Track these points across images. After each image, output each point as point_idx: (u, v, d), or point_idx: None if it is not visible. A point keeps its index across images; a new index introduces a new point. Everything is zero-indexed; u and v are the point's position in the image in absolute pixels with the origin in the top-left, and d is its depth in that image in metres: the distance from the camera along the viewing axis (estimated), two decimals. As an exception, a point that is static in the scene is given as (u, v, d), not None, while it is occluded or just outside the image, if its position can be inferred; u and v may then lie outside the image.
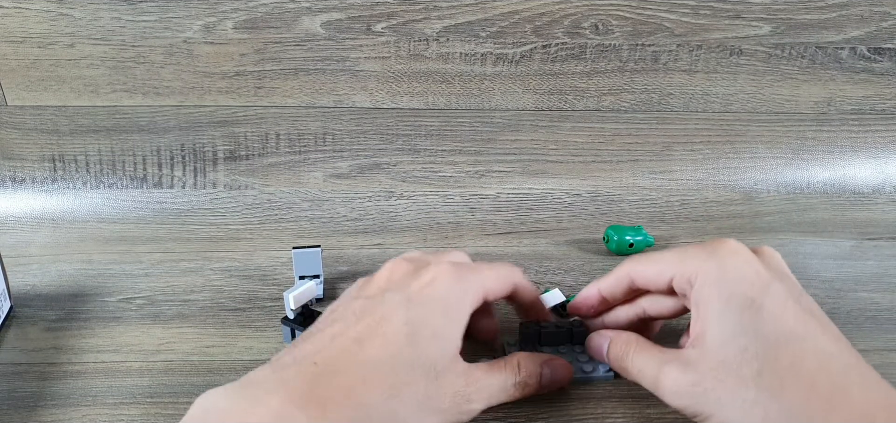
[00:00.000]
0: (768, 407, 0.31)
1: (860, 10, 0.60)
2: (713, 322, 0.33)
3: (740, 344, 0.32)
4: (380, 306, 0.34)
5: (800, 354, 0.31)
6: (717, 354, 0.33)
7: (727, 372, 0.32)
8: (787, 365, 0.31)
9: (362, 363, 0.32)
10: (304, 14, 0.57)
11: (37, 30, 0.56)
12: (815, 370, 0.31)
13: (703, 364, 0.33)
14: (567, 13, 0.58)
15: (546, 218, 0.62)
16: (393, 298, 0.35)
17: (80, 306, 0.48)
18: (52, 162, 0.61)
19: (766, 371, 0.31)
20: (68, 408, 0.39)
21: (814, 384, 0.31)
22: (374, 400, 0.31)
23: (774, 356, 0.31)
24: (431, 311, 0.34)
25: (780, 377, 0.31)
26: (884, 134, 0.66)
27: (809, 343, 0.32)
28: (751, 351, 0.32)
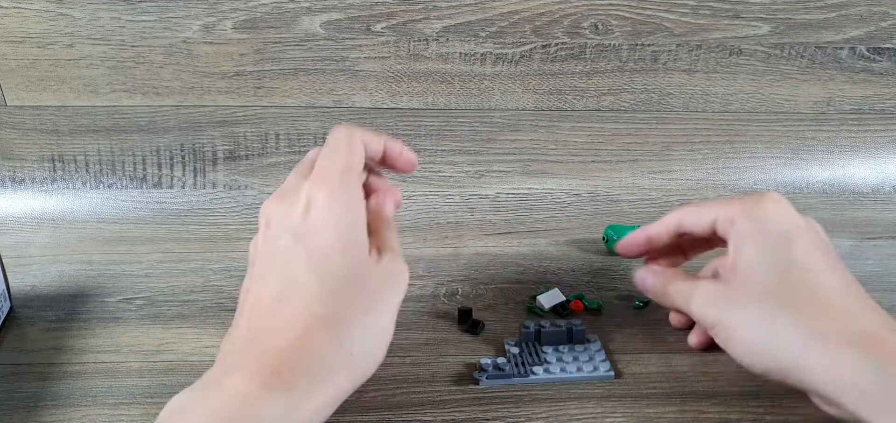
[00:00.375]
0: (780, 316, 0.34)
1: (859, 10, 0.60)
2: (747, 250, 0.37)
3: (768, 266, 0.36)
4: (277, 257, 0.34)
5: (822, 283, 0.35)
6: (747, 272, 0.36)
7: (753, 287, 0.35)
8: (809, 289, 0.35)
9: (292, 318, 0.32)
10: (304, 14, 0.57)
11: (36, 30, 0.56)
12: (830, 295, 0.34)
13: (733, 281, 0.37)
14: (567, 13, 0.58)
15: (546, 218, 0.62)
16: (285, 242, 0.34)
17: (79, 307, 0.48)
18: (52, 162, 0.61)
19: (788, 290, 0.35)
20: (68, 408, 0.39)
21: (827, 304, 0.34)
22: (320, 342, 0.31)
23: (795, 277, 0.35)
24: (324, 232, 0.34)
25: (800, 297, 0.34)
26: (883, 134, 0.66)
27: (832, 277, 0.35)
28: (777, 273, 0.35)
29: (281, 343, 0.31)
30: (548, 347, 0.43)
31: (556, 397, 0.40)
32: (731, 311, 0.36)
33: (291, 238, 0.34)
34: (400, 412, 0.39)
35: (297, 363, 0.30)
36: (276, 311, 0.32)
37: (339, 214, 0.34)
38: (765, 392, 0.40)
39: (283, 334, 0.31)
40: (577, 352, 0.42)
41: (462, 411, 0.39)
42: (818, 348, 0.33)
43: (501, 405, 0.39)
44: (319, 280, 0.33)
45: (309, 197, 0.34)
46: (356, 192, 0.35)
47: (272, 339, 0.31)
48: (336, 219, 0.34)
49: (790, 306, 0.34)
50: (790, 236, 0.36)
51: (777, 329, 0.34)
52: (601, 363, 0.42)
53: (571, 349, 0.43)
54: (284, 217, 0.35)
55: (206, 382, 0.31)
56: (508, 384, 0.40)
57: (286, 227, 0.34)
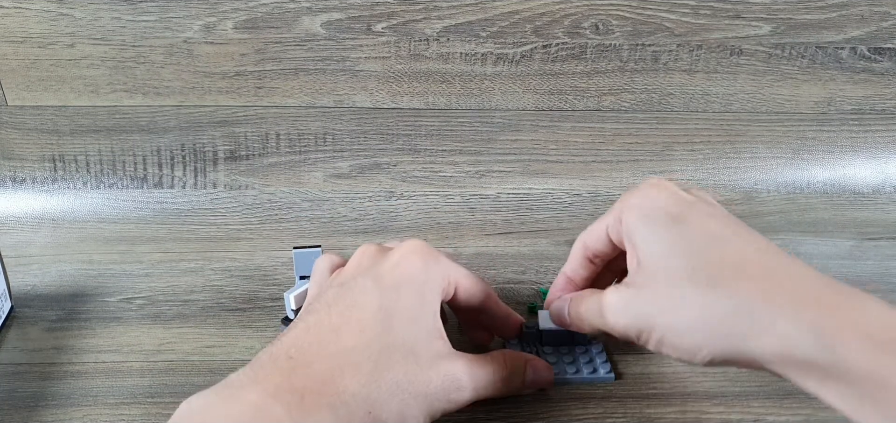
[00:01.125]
0: (703, 301, 0.30)
1: (860, 10, 0.60)
2: (641, 244, 0.34)
3: (668, 252, 0.32)
4: (351, 293, 0.34)
5: (728, 251, 0.32)
6: (649, 267, 0.33)
7: (659, 279, 0.32)
8: (717, 260, 0.31)
9: (338, 352, 0.31)
10: (305, 14, 0.57)
11: (37, 30, 0.56)
12: (744, 262, 0.31)
13: (638, 279, 0.33)
14: (567, 13, 0.58)
15: (546, 218, 0.62)
16: (363, 282, 0.34)
17: (80, 307, 0.48)
18: (53, 162, 0.61)
19: (696, 268, 0.31)
20: (69, 408, 0.39)
21: (745, 273, 0.30)
22: (353, 388, 0.30)
23: (703, 255, 0.32)
24: (403, 292, 0.34)
25: (711, 272, 0.31)
26: (884, 134, 0.66)
27: (736, 242, 0.32)
28: (679, 255, 0.32)
29: (315, 372, 0.30)
30: (549, 347, 0.43)
31: (558, 397, 0.40)
32: (648, 314, 0.32)
33: (372, 282, 0.34)
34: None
35: (321, 395, 0.30)
36: (325, 341, 0.32)
37: (421, 281, 0.35)
38: (765, 393, 0.40)
39: (321, 364, 0.31)
40: (578, 353, 0.42)
41: (461, 412, 0.39)
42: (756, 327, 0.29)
43: (503, 405, 0.39)
44: (376, 331, 0.32)
45: (404, 254, 0.35)
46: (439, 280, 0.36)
47: (310, 364, 0.31)
48: (417, 285, 0.34)
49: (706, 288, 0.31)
50: (679, 214, 0.33)
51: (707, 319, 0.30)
52: (602, 364, 0.42)
53: (572, 351, 0.43)
54: (375, 261, 0.36)
55: (229, 385, 0.30)
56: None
57: (370, 269, 0.35)
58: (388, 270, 0.35)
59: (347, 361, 0.31)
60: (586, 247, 0.39)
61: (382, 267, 0.35)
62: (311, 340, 0.32)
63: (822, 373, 0.28)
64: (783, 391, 0.41)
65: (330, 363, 0.31)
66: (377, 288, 0.34)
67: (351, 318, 0.33)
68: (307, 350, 0.31)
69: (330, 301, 0.34)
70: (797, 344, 0.28)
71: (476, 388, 0.34)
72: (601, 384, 0.41)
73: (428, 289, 0.35)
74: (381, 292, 0.34)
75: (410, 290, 0.34)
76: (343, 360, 0.31)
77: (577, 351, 0.42)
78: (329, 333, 0.32)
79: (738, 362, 0.30)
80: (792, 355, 0.28)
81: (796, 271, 0.30)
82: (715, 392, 0.40)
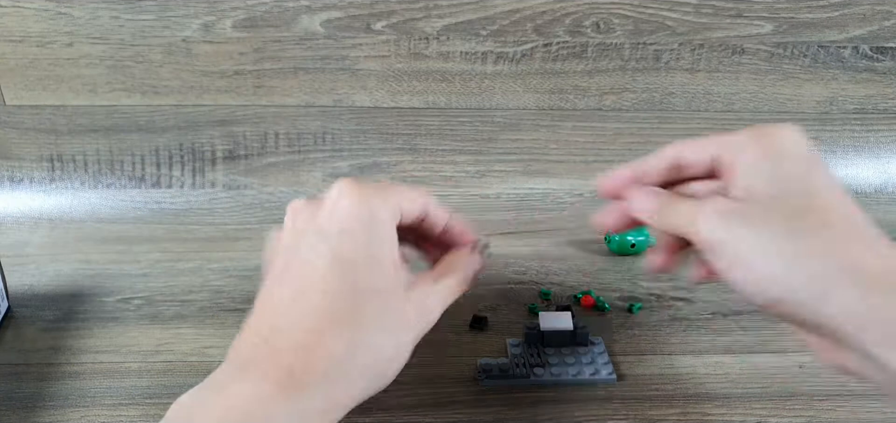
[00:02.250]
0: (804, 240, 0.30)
1: (862, 9, 0.60)
2: (762, 171, 0.33)
3: (787, 188, 0.32)
4: (298, 254, 0.33)
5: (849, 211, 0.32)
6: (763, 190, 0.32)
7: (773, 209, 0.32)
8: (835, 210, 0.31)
9: (310, 318, 0.31)
10: (304, 12, 0.57)
11: (35, 29, 0.56)
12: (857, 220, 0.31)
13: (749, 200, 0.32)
14: (568, 12, 0.58)
15: (547, 218, 0.62)
16: (308, 240, 0.33)
17: (78, 307, 0.48)
18: (51, 162, 0.61)
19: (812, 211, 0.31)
20: (66, 409, 0.39)
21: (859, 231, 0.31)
22: (340, 346, 0.30)
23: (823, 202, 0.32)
24: (352, 235, 0.32)
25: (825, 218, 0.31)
26: (886, 134, 0.66)
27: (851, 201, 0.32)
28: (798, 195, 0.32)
29: (295, 343, 0.30)
30: (550, 348, 0.42)
31: (559, 398, 0.40)
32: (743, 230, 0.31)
33: (315, 236, 0.32)
34: (400, 413, 0.39)
35: (310, 364, 0.29)
36: (292, 310, 0.31)
37: (366, 219, 0.33)
38: (768, 394, 0.40)
39: (297, 333, 0.30)
40: (580, 354, 0.42)
41: (462, 413, 0.39)
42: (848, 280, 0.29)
43: (504, 406, 0.39)
44: (339, 281, 0.31)
45: (337, 198, 0.33)
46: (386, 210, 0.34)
47: (286, 338, 0.30)
48: (363, 223, 0.33)
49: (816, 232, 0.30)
50: (810, 160, 0.33)
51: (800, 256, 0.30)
52: (603, 365, 0.41)
53: (574, 351, 0.42)
54: (311, 215, 0.34)
55: (215, 381, 0.30)
56: (509, 384, 0.40)
57: (311, 225, 0.33)
58: (327, 218, 0.33)
59: (323, 323, 0.30)
60: (681, 155, 0.37)
61: (320, 218, 0.33)
62: (279, 316, 0.31)
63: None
64: (785, 393, 0.40)
65: (307, 331, 0.30)
66: (324, 240, 0.32)
67: (309, 278, 0.32)
68: (278, 326, 0.31)
69: (281, 270, 0.33)
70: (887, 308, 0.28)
71: (442, 304, 0.35)
72: (603, 385, 0.41)
73: (376, 222, 0.33)
74: (329, 241, 0.32)
75: (358, 229, 0.32)
76: (318, 323, 0.30)
77: (579, 352, 0.42)
78: (291, 303, 0.31)
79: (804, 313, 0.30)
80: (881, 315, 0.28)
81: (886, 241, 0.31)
82: (717, 394, 0.40)
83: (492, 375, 0.40)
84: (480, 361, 0.41)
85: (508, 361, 0.41)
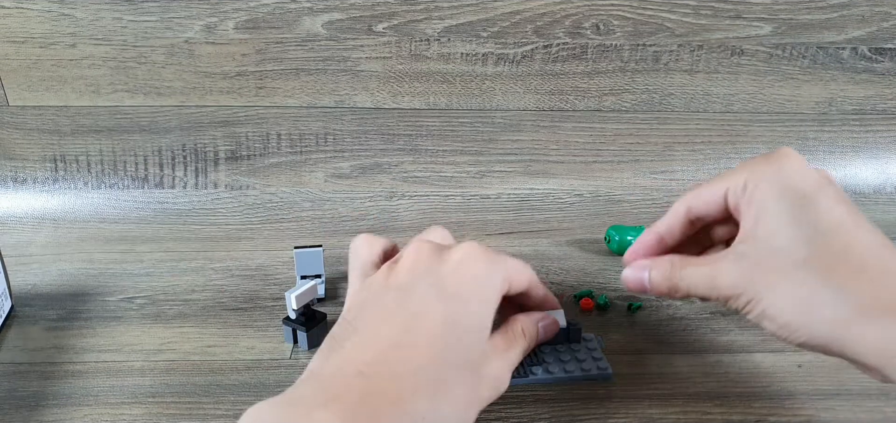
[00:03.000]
0: (815, 288, 0.31)
1: (861, 11, 0.60)
2: (766, 214, 0.34)
3: (792, 230, 0.33)
4: (412, 301, 0.33)
5: (851, 241, 0.32)
6: (770, 240, 0.33)
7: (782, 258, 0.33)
8: (838, 250, 0.32)
9: (409, 371, 0.31)
10: (306, 14, 0.57)
11: (38, 30, 0.56)
12: (865, 256, 0.32)
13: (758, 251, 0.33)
14: (568, 13, 0.58)
15: (547, 218, 0.62)
16: (425, 289, 0.33)
17: (81, 306, 0.48)
18: (54, 162, 0.61)
19: (816, 254, 0.32)
20: (70, 408, 0.39)
21: (864, 267, 0.31)
22: (423, 407, 0.30)
23: (825, 241, 0.32)
24: (465, 300, 0.33)
25: (830, 260, 0.32)
26: (885, 134, 0.66)
27: (861, 233, 0.33)
28: (802, 236, 0.32)
29: (388, 392, 0.30)
30: (545, 346, 0.43)
31: (559, 397, 0.40)
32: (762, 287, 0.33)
33: (435, 291, 0.32)
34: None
35: (397, 417, 0.29)
36: (394, 357, 0.31)
37: (486, 293, 0.33)
38: (767, 394, 0.40)
39: (394, 383, 0.30)
40: (574, 351, 0.42)
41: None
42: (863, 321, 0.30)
43: (504, 406, 0.39)
44: (444, 348, 0.31)
45: (464, 255, 0.33)
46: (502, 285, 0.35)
47: (381, 383, 0.30)
48: (482, 296, 0.33)
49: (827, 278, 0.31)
50: (811, 195, 0.33)
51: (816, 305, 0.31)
52: (598, 361, 0.41)
53: (569, 349, 0.42)
54: (431, 264, 0.34)
55: (298, 401, 0.29)
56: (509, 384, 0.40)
57: (431, 271, 0.33)
58: (449, 274, 0.33)
59: (419, 379, 0.30)
60: (691, 209, 0.38)
61: (443, 271, 0.33)
62: (378, 355, 0.31)
63: None
64: (785, 393, 0.40)
65: (402, 382, 0.30)
66: (441, 297, 0.32)
67: (417, 331, 0.32)
68: (376, 367, 0.31)
69: (391, 309, 0.33)
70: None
71: (511, 370, 0.36)
72: (602, 383, 0.41)
73: (490, 295, 0.34)
74: (445, 302, 0.32)
75: (474, 298, 0.33)
76: (414, 379, 0.30)
77: (574, 349, 0.42)
78: (396, 348, 0.31)
79: (832, 350, 0.31)
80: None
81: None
82: (717, 393, 0.40)
83: None
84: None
85: None
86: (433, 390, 0.31)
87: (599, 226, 0.60)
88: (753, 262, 0.33)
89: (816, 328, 0.31)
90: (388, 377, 0.30)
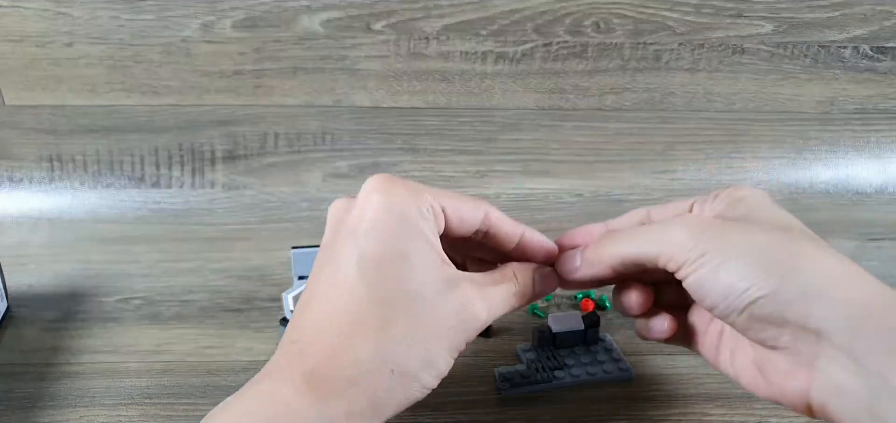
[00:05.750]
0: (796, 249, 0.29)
1: (863, 9, 0.59)
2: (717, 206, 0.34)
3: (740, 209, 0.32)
4: (330, 254, 0.31)
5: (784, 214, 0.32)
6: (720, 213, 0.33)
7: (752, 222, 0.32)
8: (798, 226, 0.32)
9: (337, 321, 0.29)
10: (304, 12, 0.57)
11: (35, 29, 0.56)
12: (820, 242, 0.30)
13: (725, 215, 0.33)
14: (568, 11, 0.58)
15: (548, 218, 0.62)
16: (340, 240, 0.31)
17: (77, 307, 0.48)
18: (50, 162, 0.61)
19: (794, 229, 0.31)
20: (66, 409, 0.39)
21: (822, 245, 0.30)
22: (365, 352, 0.29)
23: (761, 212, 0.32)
24: (379, 232, 0.30)
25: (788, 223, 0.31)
26: (887, 134, 0.65)
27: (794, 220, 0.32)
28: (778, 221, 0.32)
29: (321, 346, 0.29)
30: (563, 350, 0.42)
31: (560, 398, 0.39)
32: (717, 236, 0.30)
33: (345, 236, 0.31)
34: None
35: (335, 369, 0.28)
36: (323, 312, 0.30)
37: (395, 215, 0.31)
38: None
39: (324, 338, 0.29)
40: (593, 353, 0.42)
41: (472, 410, 0.39)
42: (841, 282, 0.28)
43: (504, 406, 0.39)
44: (366, 283, 0.30)
45: (367, 195, 0.31)
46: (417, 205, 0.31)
47: (314, 341, 0.29)
48: (391, 219, 0.31)
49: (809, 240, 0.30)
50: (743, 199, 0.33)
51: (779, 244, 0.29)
52: (618, 362, 0.41)
53: (587, 350, 0.42)
54: (344, 213, 0.32)
55: (251, 382, 0.29)
56: (533, 391, 0.40)
57: (343, 224, 0.32)
58: (357, 216, 0.31)
59: (349, 326, 0.29)
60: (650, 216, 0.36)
61: (351, 216, 0.31)
62: (308, 318, 0.31)
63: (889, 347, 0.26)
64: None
65: (332, 335, 0.29)
66: (352, 239, 0.30)
67: (337, 281, 0.30)
68: (308, 330, 0.30)
69: (315, 272, 0.32)
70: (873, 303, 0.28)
71: (491, 310, 0.32)
72: (608, 384, 0.41)
73: (405, 218, 0.31)
74: (356, 241, 0.30)
75: (387, 226, 0.30)
76: (345, 327, 0.29)
77: (592, 351, 0.42)
78: (323, 304, 0.30)
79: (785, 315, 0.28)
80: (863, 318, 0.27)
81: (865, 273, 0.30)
82: (718, 394, 0.40)
83: (515, 383, 0.39)
84: (498, 370, 0.40)
85: (525, 367, 0.41)
86: (370, 331, 0.29)
87: (600, 226, 0.60)
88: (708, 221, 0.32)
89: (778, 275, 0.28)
90: (318, 334, 0.29)
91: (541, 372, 0.40)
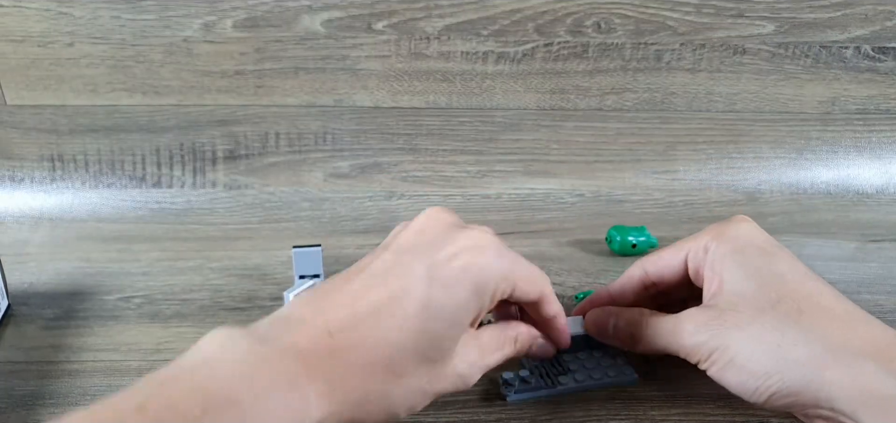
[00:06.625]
0: (785, 330, 0.31)
1: (864, 10, 0.59)
2: (729, 270, 0.34)
3: (757, 282, 0.33)
4: (401, 273, 0.31)
5: (814, 290, 0.33)
6: (736, 292, 0.34)
7: (749, 305, 0.33)
8: (805, 295, 0.33)
9: (376, 346, 0.30)
10: (305, 12, 0.57)
11: (36, 29, 0.56)
12: (831, 303, 0.33)
13: (723, 303, 0.34)
14: (569, 11, 0.58)
15: (548, 218, 0.62)
16: (417, 268, 0.31)
17: (78, 305, 0.48)
18: (51, 161, 0.61)
19: (784, 300, 0.32)
20: (66, 407, 0.39)
21: (831, 311, 0.32)
22: (376, 383, 0.30)
23: (791, 288, 0.33)
24: (453, 294, 0.31)
25: (798, 303, 0.32)
26: (888, 134, 0.65)
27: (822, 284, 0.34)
28: (768, 286, 0.33)
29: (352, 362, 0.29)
30: (567, 354, 0.42)
31: (560, 401, 0.39)
32: (729, 334, 0.32)
33: (425, 271, 0.31)
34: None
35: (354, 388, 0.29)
36: (366, 325, 0.30)
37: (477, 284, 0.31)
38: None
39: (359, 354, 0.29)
40: (597, 357, 0.42)
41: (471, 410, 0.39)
42: (835, 360, 0.30)
43: (504, 406, 0.39)
44: (415, 334, 0.30)
45: (465, 246, 0.32)
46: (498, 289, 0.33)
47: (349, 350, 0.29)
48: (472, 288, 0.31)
49: (795, 320, 0.32)
50: (770, 250, 0.35)
51: (786, 346, 0.31)
52: (623, 366, 0.41)
53: (591, 355, 0.42)
54: (436, 240, 0.32)
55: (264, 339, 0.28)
56: (537, 396, 0.39)
57: (428, 251, 0.32)
58: (446, 260, 0.31)
59: (384, 359, 0.30)
60: (647, 273, 0.38)
61: (440, 254, 0.31)
62: (352, 318, 0.30)
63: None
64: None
65: (367, 355, 0.29)
66: (428, 280, 0.30)
67: (395, 307, 0.30)
68: (346, 332, 0.30)
69: (377, 273, 0.31)
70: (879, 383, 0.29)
71: (482, 373, 0.34)
72: (607, 387, 0.40)
73: (481, 292, 0.32)
74: (430, 285, 0.30)
75: (462, 292, 0.31)
76: (380, 356, 0.30)
77: (596, 355, 0.42)
78: (371, 316, 0.30)
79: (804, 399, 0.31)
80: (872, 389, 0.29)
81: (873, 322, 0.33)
82: (719, 395, 0.40)
83: (518, 389, 0.39)
84: (502, 375, 0.40)
85: (529, 372, 0.41)
86: (390, 371, 0.30)
87: (601, 226, 0.60)
88: (719, 311, 0.34)
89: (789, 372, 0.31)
90: (355, 346, 0.29)
91: (545, 377, 0.40)
